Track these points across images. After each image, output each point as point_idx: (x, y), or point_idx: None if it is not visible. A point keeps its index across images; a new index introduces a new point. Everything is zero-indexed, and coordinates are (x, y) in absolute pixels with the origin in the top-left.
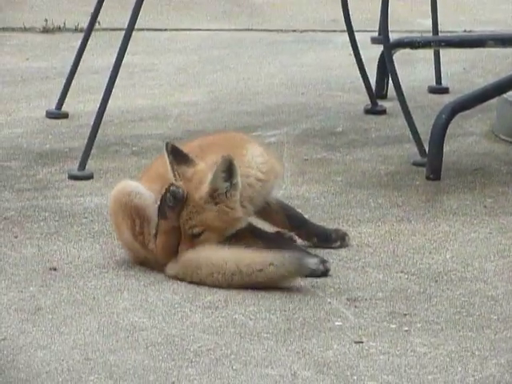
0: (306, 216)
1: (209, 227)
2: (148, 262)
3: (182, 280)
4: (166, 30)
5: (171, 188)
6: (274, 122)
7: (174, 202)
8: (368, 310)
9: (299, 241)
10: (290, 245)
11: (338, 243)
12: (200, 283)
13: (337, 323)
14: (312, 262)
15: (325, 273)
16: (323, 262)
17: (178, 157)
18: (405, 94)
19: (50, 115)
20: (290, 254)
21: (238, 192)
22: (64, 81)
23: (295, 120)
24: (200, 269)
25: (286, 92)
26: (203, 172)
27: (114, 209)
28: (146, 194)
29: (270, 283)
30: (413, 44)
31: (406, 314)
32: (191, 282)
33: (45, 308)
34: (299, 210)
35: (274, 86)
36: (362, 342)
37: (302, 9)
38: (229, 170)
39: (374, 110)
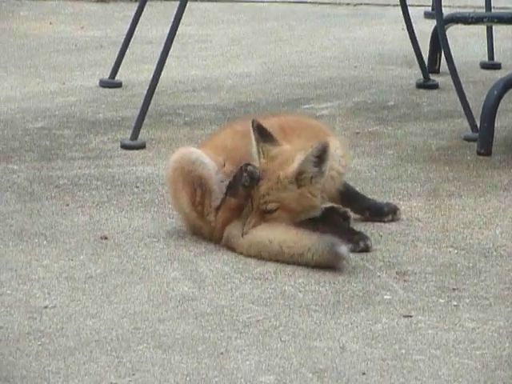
0: (358, 189)
1: (284, 207)
2: (201, 231)
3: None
4: (219, 1)
5: (248, 168)
6: (326, 94)
7: (249, 181)
8: (417, 284)
9: (352, 214)
10: (339, 223)
11: (390, 217)
12: None
13: (386, 297)
14: (343, 251)
15: (365, 249)
16: (364, 238)
17: (263, 135)
18: (457, 69)
19: (104, 84)
20: (326, 239)
21: (322, 180)
22: (118, 50)
23: (347, 93)
24: (250, 247)
25: (339, 65)
26: (290, 153)
27: (174, 175)
28: (211, 164)
29: (312, 265)
30: (466, 19)
31: (454, 289)
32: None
33: (95, 277)
34: (351, 184)
35: (327, 59)
36: (410, 316)
37: None
38: (322, 156)
39: (426, 85)
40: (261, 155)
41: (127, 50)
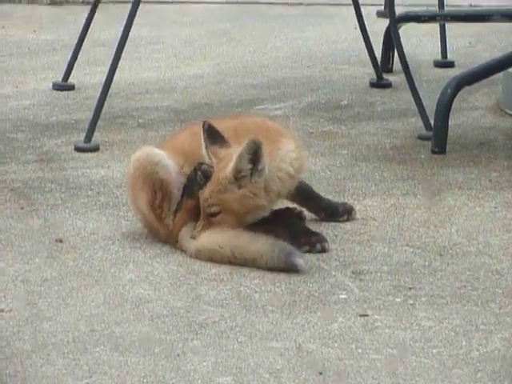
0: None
1: (226, 209)
2: (158, 233)
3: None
4: (172, 2)
5: (202, 167)
6: (279, 95)
7: (204, 180)
8: (373, 283)
9: (308, 214)
10: (294, 224)
11: (345, 217)
12: None
13: (342, 296)
14: (299, 262)
15: (322, 251)
16: (321, 240)
17: (213, 136)
18: (410, 67)
19: (57, 87)
20: (281, 247)
21: (262, 179)
22: (71, 53)
23: (301, 93)
24: (199, 252)
25: (292, 65)
26: (232, 154)
27: (135, 174)
28: (172, 167)
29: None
30: (418, 18)
31: (411, 288)
32: None
33: (51, 280)
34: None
35: (280, 60)
36: (367, 316)
37: None
38: (255, 153)
39: (379, 84)
40: (210, 156)
41: (80, 53)
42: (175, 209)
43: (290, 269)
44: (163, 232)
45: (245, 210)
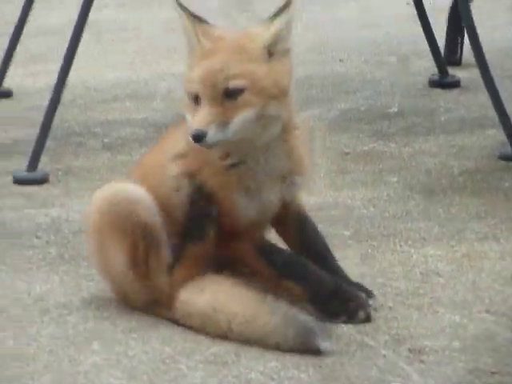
0: (349, 232)
1: (254, 85)
2: (136, 298)
3: (176, 323)
4: None
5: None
6: (301, 100)
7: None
8: (439, 366)
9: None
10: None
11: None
12: None
13: None
14: (324, 346)
15: (366, 320)
16: (364, 305)
17: (197, 17)
18: (487, 58)
19: None
20: (298, 324)
21: (289, 61)
22: (6, 45)
23: (331, 98)
24: (191, 317)
25: (318, 59)
26: (246, 30)
27: (102, 221)
28: (154, 207)
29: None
30: None
31: (494, 373)
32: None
33: None
34: (339, 225)
35: (302, 51)
36: None
37: None
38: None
39: (443, 83)
40: (198, 39)
41: (18, 45)
42: (172, 262)
43: (309, 349)
44: (144, 295)
45: (274, 90)
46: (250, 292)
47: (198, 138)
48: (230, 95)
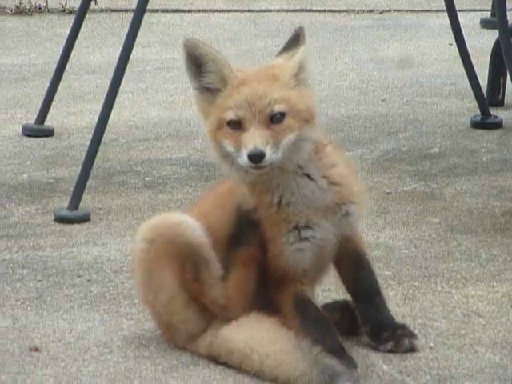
0: (390, 272)
1: (292, 109)
2: (180, 334)
3: (215, 360)
4: (190, 11)
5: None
6: (343, 140)
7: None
8: None
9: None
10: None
11: (390, 345)
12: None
13: None
14: None
15: (410, 350)
16: (409, 334)
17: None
18: None
19: (28, 132)
20: (323, 367)
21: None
22: (47, 83)
23: (373, 138)
24: (232, 354)
25: (360, 99)
26: (272, 62)
27: (148, 250)
28: (199, 228)
29: None
30: None
31: None
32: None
33: None
34: (381, 265)
35: (343, 90)
36: None
37: None
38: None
39: (485, 123)
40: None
41: (60, 83)
42: (222, 273)
43: None
44: (191, 327)
45: (307, 112)
46: (287, 335)
47: (257, 157)
48: (275, 119)
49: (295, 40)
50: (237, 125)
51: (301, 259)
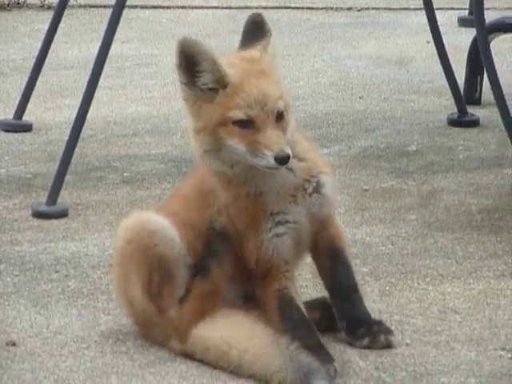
0: (367, 269)
1: (286, 105)
2: (156, 334)
3: (191, 357)
4: (169, 7)
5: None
6: (320, 137)
7: (222, 242)
8: None
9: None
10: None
11: (366, 341)
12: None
13: None
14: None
15: (387, 346)
16: (386, 330)
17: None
18: (507, 97)
19: (6, 127)
20: (297, 365)
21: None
22: (25, 79)
23: (351, 135)
24: (208, 350)
25: (338, 96)
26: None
27: (127, 251)
28: (176, 239)
29: None
30: None
31: None
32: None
33: None
34: (357, 261)
35: (321, 88)
36: None
37: None
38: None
39: (462, 121)
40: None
41: (39, 79)
42: (182, 296)
43: None
44: (163, 330)
45: (288, 108)
46: (264, 330)
47: (286, 160)
48: (280, 117)
49: (257, 28)
50: (247, 124)
51: (281, 245)
